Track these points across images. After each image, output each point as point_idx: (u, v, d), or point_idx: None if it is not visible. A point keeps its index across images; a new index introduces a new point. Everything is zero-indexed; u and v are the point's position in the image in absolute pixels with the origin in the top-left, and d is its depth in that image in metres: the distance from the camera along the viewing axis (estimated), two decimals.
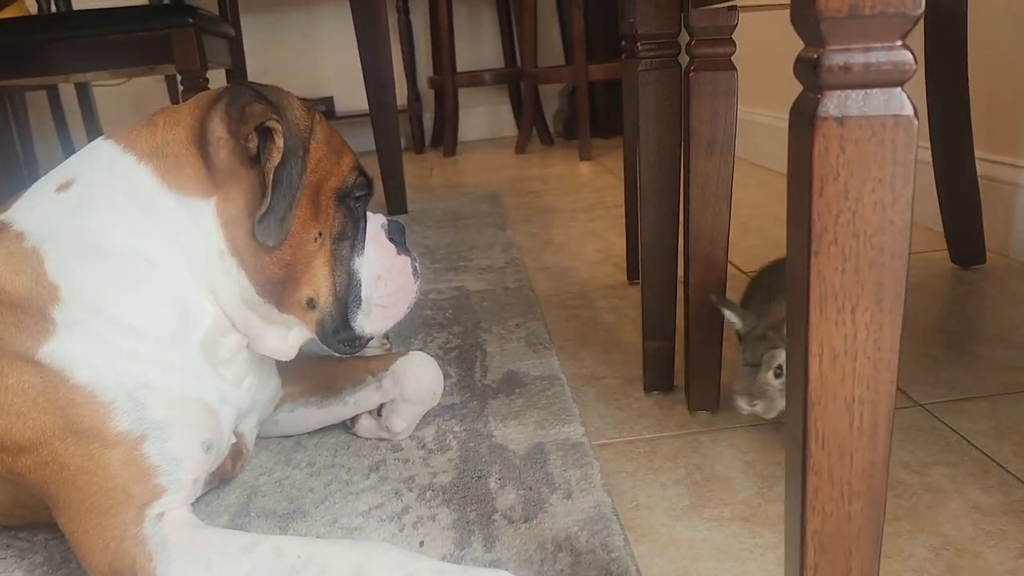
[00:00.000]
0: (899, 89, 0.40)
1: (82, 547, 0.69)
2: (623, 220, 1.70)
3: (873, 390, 0.44)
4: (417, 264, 0.88)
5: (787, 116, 0.44)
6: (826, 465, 0.46)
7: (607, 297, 1.44)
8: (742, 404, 0.84)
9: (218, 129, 0.74)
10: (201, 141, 0.75)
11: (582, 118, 3.05)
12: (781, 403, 0.81)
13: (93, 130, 2.74)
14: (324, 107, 3.55)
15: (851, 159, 0.41)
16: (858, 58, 0.40)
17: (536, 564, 0.72)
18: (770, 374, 0.83)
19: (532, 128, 3.44)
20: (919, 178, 0.42)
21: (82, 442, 0.69)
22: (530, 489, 0.84)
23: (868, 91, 0.40)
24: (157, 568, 0.67)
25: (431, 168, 3.21)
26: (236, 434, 0.83)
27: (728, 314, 0.89)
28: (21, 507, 0.77)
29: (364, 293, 0.82)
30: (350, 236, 0.81)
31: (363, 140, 3.80)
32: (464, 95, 3.74)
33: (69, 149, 3.16)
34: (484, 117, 3.98)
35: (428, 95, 3.83)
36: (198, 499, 0.77)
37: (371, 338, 0.85)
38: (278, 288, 0.78)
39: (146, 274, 0.74)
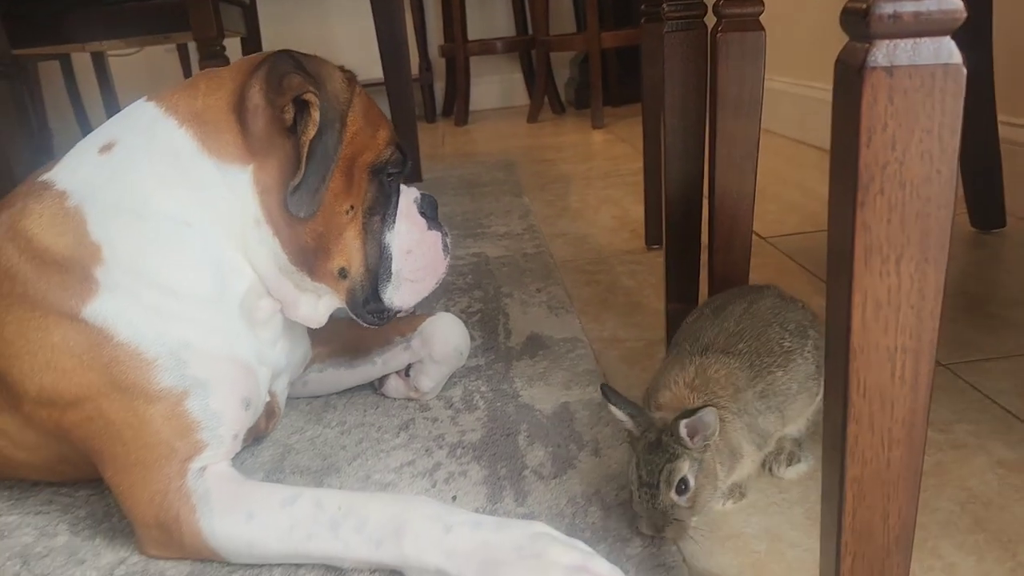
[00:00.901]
0: (948, 38, 0.40)
1: (128, 500, 0.71)
2: (638, 187, 1.70)
3: (916, 339, 0.45)
4: (448, 240, 0.88)
5: (803, 83, 0.45)
6: (867, 413, 0.47)
7: (626, 262, 1.45)
8: (648, 532, 0.67)
9: (256, 97, 0.74)
10: (240, 108, 0.75)
11: (594, 86, 3.03)
12: (692, 521, 0.67)
13: (110, 99, 2.74)
14: None
15: (899, 109, 0.41)
16: (908, 6, 0.40)
17: (568, 517, 0.74)
18: (672, 493, 0.65)
19: (544, 97, 3.43)
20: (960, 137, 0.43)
21: (126, 398, 0.70)
22: (558, 446, 0.85)
23: (917, 40, 0.40)
24: (201, 520, 0.69)
25: (443, 137, 3.20)
26: (269, 393, 0.85)
27: (615, 412, 0.69)
28: (64, 463, 0.79)
29: (394, 267, 0.83)
30: (382, 210, 0.82)
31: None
32: (476, 64, 3.72)
33: (83, 119, 3.17)
34: (496, 86, 3.97)
35: (439, 64, 3.81)
36: (235, 456, 0.78)
37: (399, 311, 0.86)
38: (310, 257, 0.79)
39: (185, 236, 0.75)
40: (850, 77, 0.42)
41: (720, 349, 0.73)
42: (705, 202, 0.99)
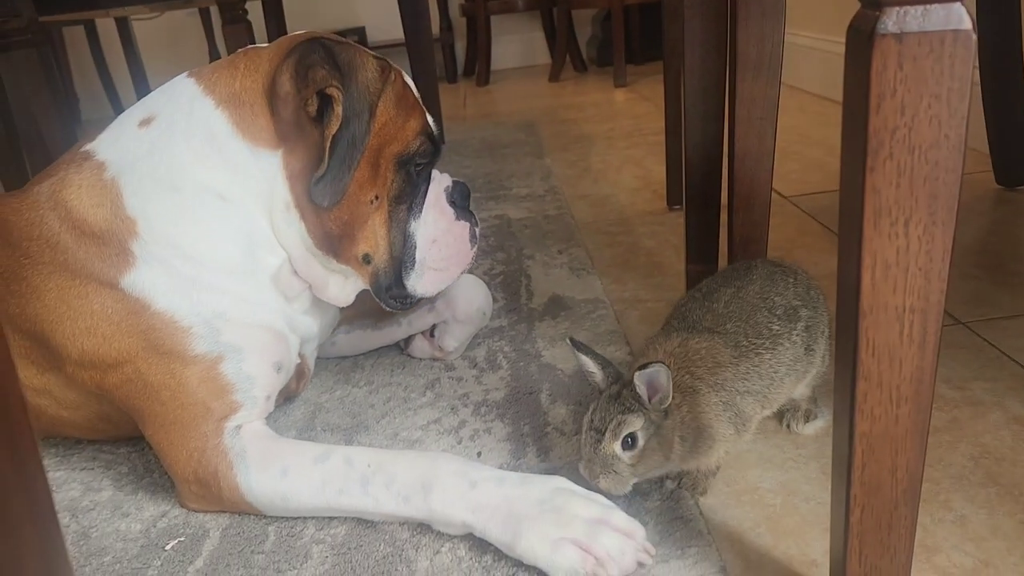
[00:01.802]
0: (958, 3, 0.41)
1: (168, 457, 0.74)
2: (661, 147, 1.70)
3: (924, 299, 0.46)
4: (477, 230, 0.89)
5: (829, 38, 0.45)
6: (876, 371, 0.48)
7: (647, 223, 1.46)
8: (584, 476, 0.67)
9: (286, 84, 0.75)
10: (271, 93, 0.76)
11: (617, 44, 3.01)
12: (632, 480, 0.67)
13: (134, 63, 2.76)
14: (357, 37, 3.53)
15: (909, 75, 0.42)
16: None
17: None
18: (616, 445, 0.65)
19: (565, 55, 3.40)
20: (970, 101, 0.43)
21: (163, 361, 0.73)
22: (580, 404, 0.88)
23: (927, 6, 0.41)
24: (238, 475, 0.72)
25: (464, 98, 3.20)
26: (299, 356, 0.88)
27: (585, 361, 0.69)
28: (104, 422, 0.83)
29: (418, 255, 0.84)
30: (408, 199, 0.82)
31: None
32: (496, 23, 3.69)
33: (109, 85, 3.20)
34: (517, 45, 3.94)
35: (460, 24, 3.79)
36: (268, 415, 0.81)
37: (422, 298, 0.87)
38: (335, 242, 0.80)
39: (221, 210, 0.77)
40: (860, 43, 0.43)
41: (707, 328, 0.73)
42: (725, 163, 0.99)
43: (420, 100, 0.85)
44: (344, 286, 0.85)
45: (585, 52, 3.68)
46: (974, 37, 0.42)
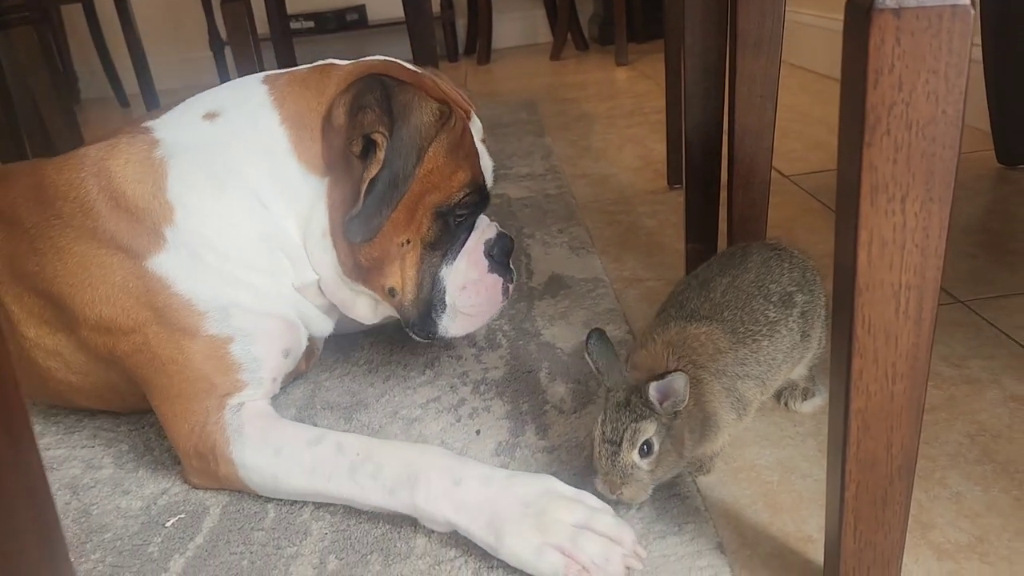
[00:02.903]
0: None
1: (172, 429, 0.76)
2: (662, 126, 1.69)
3: (920, 276, 0.46)
4: (511, 286, 0.87)
5: (830, 15, 0.45)
6: (871, 348, 0.48)
7: (647, 202, 1.46)
8: (604, 492, 0.66)
9: (340, 118, 0.76)
10: (326, 122, 0.77)
11: (618, 22, 2.98)
12: (652, 486, 0.66)
13: (134, 43, 2.74)
14: (357, 16, 3.50)
15: (906, 51, 0.42)
16: None
17: (588, 450, 0.77)
18: (634, 454, 0.64)
19: (567, 34, 3.38)
20: (968, 77, 0.43)
21: (175, 336, 0.75)
22: (578, 383, 0.88)
23: None
24: (234, 451, 0.73)
25: (465, 76, 3.18)
26: (308, 339, 0.88)
27: (589, 362, 0.69)
28: (111, 391, 0.84)
29: (448, 299, 0.83)
30: (444, 246, 0.82)
31: (397, 49, 3.76)
32: (497, 1, 3.67)
33: (108, 64, 3.18)
34: (518, 23, 3.91)
35: (461, 2, 3.76)
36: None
37: (451, 338, 0.86)
38: (363, 273, 0.81)
39: (258, 219, 0.78)
40: (858, 18, 0.43)
41: (704, 316, 0.72)
42: (725, 141, 0.99)
43: (481, 149, 0.84)
44: (374, 308, 0.86)
45: (587, 30, 3.65)
46: (972, 12, 0.41)
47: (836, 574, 0.55)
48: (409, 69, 0.82)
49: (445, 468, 0.68)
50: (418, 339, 0.86)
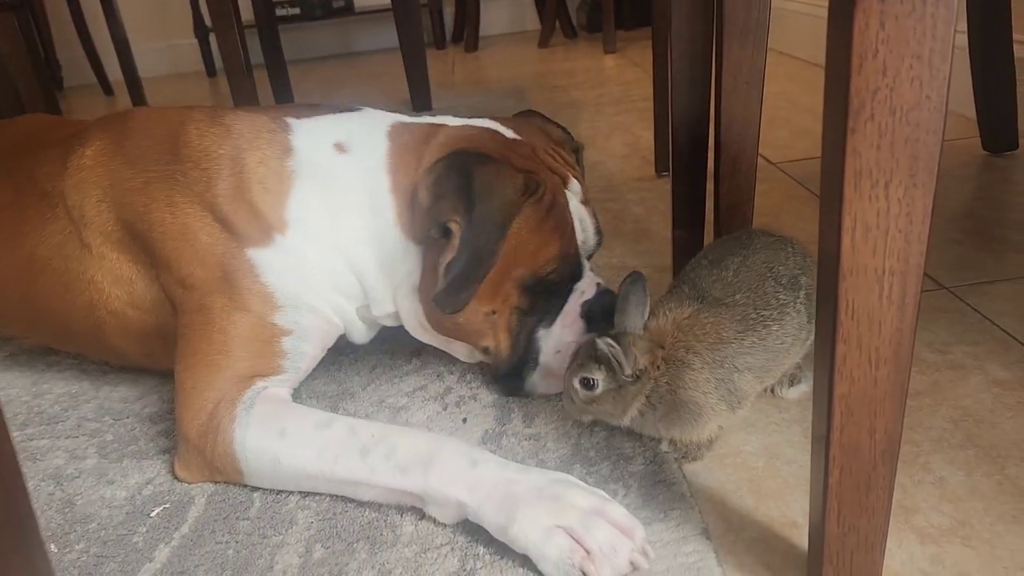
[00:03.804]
0: None
1: (186, 400, 0.77)
2: (650, 113, 1.69)
3: (903, 262, 0.46)
4: None
5: (816, 3, 0.45)
6: (855, 334, 0.48)
7: (635, 190, 1.46)
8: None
9: (424, 200, 0.77)
10: (414, 199, 0.79)
11: (606, 10, 2.98)
12: (585, 415, 0.73)
13: (117, 31, 2.70)
14: (343, 3, 3.48)
15: (891, 35, 0.42)
16: None
17: (573, 437, 0.77)
18: (575, 381, 0.71)
19: (555, 21, 3.37)
20: (953, 64, 0.43)
21: (238, 313, 0.78)
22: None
23: None
24: (236, 429, 0.74)
25: (453, 64, 3.17)
26: None
27: (623, 299, 0.73)
28: (157, 340, 0.86)
29: (542, 359, 0.82)
30: (537, 313, 0.81)
31: (384, 37, 3.74)
32: None
33: (91, 51, 3.14)
34: (506, 11, 3.89)
35: None
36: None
37: (540, 395, 0.85)
38: (453, 335, 0.84)
39: (357, 255, 0.81)
40: (843, 3, 0.43)
41: (716, 299, 0.73)
42: (712, 129, 0.99)
43: (581, 213, 0.84)
44: (471, 352, 0.86)
45: (575, 18, 3.64)
46: None
47: (820, 558, 0.55)
48: (505, 136, 0.83)
49: (462, 452, 0.68)
50: (500, 393, 0.86)
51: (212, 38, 3.33)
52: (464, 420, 0.81)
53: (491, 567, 0.63)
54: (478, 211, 0.74)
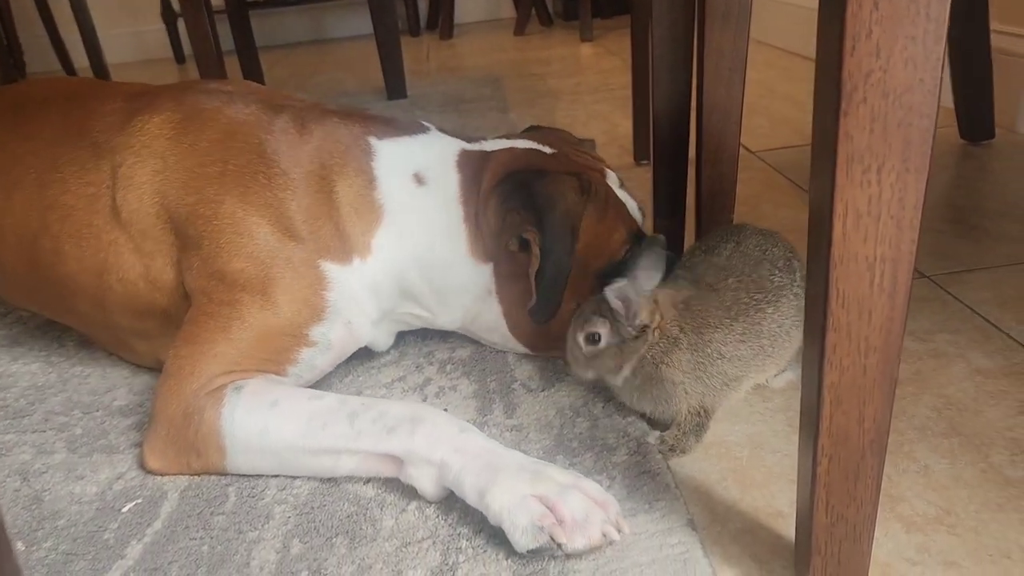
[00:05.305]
0: None
1: (176, 379, 0.75)
2: (627, 102, 1.68)
3: (895, 249, 0.46)
4: None
5: None
6: (845, 322, 0.47)
7: None
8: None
9: (492, 223, 0.81)
10: (480, 220, 0.82)
11: None
12: (588, 371, 0.75)
13: (82, 14, 2.64)
14: None
15: (884, 16, 0.41)
16: None
17: (556, 428, 0.76)
18: (580, 337, 0.74)
19: (531, 9, 3.35)
20: (945, 45, 0.42)
21: (270, 315, 0.76)
22: (547, 361, 0.87)
23: None
24: (224, 407, 0.72)
25: (428, 51, 3.13)
26: None
27: (639, 260, 0.73)
28: (152, 318, 0.84)
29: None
30: None
31: (358, 24, 3.70)
32: None
33: (54, 34, 3.06)
34: None
35: None
36: None
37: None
38: (542, 341, 0.86)
39: (432, 288, 0.84)
40: None
41: (709, 285, 0.73)
42: (693, 116, 0.98)
43: (624, 196, 0.88)
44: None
45: (551, 5, 3.62)
46: None
47: (807, 548, 0.54)
48: (544, 153, 0.87)
49: (451, 419, 0.70)
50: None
51: (181, 23, 3.26)
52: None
53: (473, 560, 0.61)
54: (548, 220, 0.78)
